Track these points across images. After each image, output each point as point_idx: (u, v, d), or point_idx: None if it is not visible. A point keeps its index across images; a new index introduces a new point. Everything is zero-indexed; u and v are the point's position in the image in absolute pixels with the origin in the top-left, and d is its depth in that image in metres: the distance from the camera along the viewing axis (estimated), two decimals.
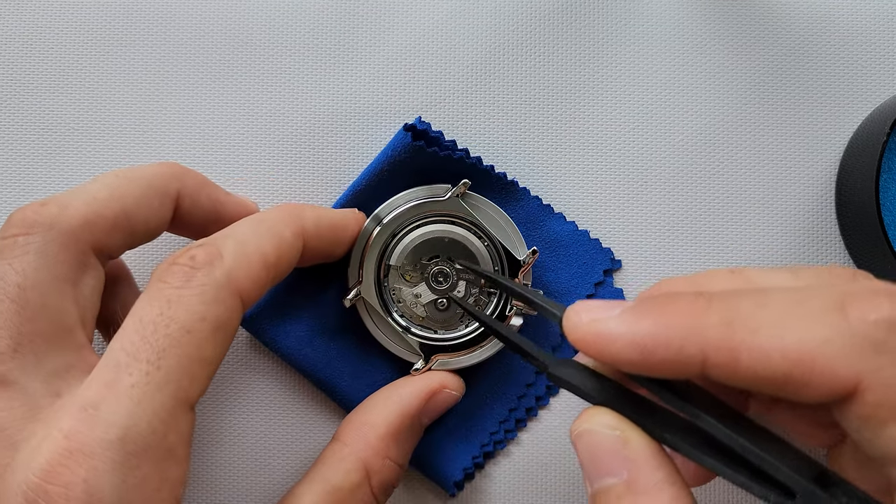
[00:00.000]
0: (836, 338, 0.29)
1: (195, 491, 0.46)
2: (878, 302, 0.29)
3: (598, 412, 0.33)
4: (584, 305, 0.33)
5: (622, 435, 0.32)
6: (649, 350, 0.31)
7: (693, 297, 0.31)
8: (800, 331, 0.29)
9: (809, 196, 0.47)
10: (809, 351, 0.29)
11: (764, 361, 0.29)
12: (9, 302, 0.35)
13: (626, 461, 0.32)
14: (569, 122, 0.48)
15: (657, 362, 0.31)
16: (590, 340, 0.32)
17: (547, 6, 0.48)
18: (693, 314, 0.31)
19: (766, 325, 0.29)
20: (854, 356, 0.28)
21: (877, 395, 0.28)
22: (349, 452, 0.41)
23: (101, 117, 0.47)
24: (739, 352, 0.29)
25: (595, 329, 0.32)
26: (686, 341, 0.30)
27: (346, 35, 0.48)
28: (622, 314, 0.32)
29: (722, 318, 0.30)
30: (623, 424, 0.32)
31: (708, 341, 0.30)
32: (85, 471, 0.31)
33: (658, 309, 0.31)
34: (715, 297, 0.31)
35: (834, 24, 0.47)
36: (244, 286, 0.35)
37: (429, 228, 0.45)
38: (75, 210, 0.37)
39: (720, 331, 0.30)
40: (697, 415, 0.32)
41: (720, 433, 0.31)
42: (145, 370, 0.32)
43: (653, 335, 0.31)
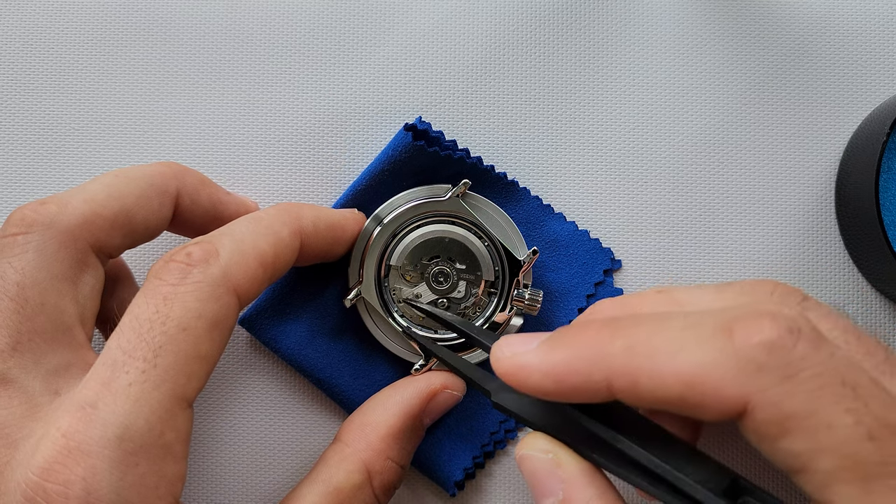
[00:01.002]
0: (723, 360, 0.30)
1: (195, 491, 0.46)
2: (760, 324, 0.31)
3: (535, 438, 0.36)
4: (506, 340, 0.35)
5: (555, 458, 0.35)
6: (561, 379, 0.33)
7: (601, 324, 0.34)
8: (690, 354, 0.31)
9: (809, 196, 0.47)
10: (698, 373, 0.30)
11: (660, 385, 0.31)
12: (8, 300, 0.35)
13: (560, 481, 0.34)
14: (569, 122, 0.48)
15: (569, 389, 0.33)
16: (511, 374, 0.34)
17: (547, 6, 0.48)
18: (599, 342, 0.33)
19: (661, 349, 0.31)
20: (740, 377, 0.30)
21: (765, 413, 0.30)
22: (351, 453, 0.41)
23: (101, 117, 0.48)
24: (638, 376, 0.31)
25: (514, 362, 0.34)
26: (593, 368, 0.32)
27: (346, 35, 0.48)
28: (538, 347, 0.34)
29: (624, 344, 0.32)
30: (556, 448, 0.35)
31: (612, 368, 0.32)
32: (83, 469, 0.31)
33: (569, 339, 0.34)
34: (620, 325, 0.33)
35: (834, 25, 0.47)
36: (241, 284, 0.35)
37: (429, 228, 0.45)
38: (74, 209, 0.37)
39: (622, 357, 0.32)
40: (616, 437, 0.34)
41: (636, 453, 0.34)
42: (142, 368, 0.32)
43: (564, 364, 0.33)
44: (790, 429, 0.30)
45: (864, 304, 0.47)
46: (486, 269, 0.45)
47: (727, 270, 0.47)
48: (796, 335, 0.30)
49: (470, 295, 0.45)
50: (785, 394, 0.30)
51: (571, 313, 0.46)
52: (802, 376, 0.30)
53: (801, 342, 0.30)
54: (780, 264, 0.47)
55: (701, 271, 0.47)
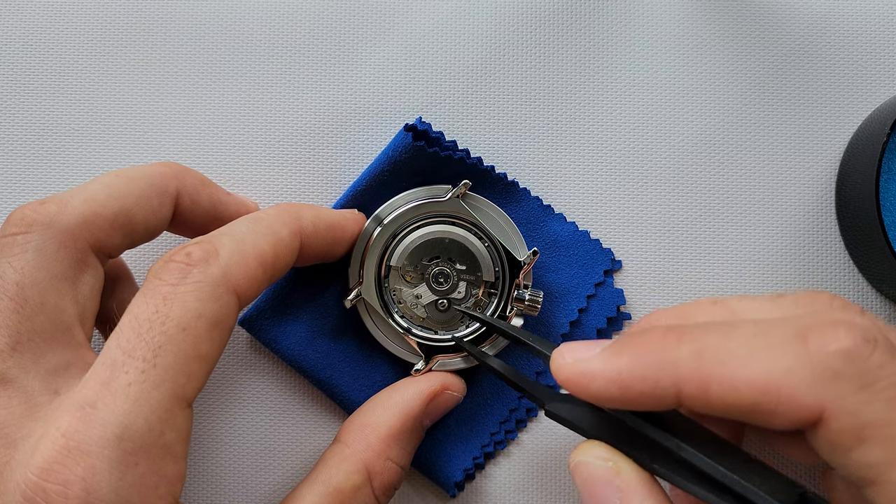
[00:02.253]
0: (798, 368, 0.30)
1: (195, 491, 0.46)
2: (836, 332, 0.30)
3: (592, 445, 0.35)
4: (568, 347, 0.35)
5: (614, 466, 0.34)
6: (627, 385, 0.33)
7: (665, 331, 0.33)
8: (764, 361, 0.31)
9: (809, 196, 0.47)
10: (774, 380, 0.30)
11: (732, 391, 0.31)
12: (7, 300, 0.35)
13: (617, 490, 0.34)
14: (569, 122, 0.48)
15: (635, 396, 0.33)
16: (574, 381, 0.34)
17: (547, 7, 0.48)
18: (665, 348, 0.32)
19: (733, 356, 0.31)
20: (816, 385, 0.30)
21: (840, 423, 0.30)
22: (351, 454, 0.41)
23: (101, 118, 0.48)
24: (709, 383, 0.31)
25: (578, 369, 0.34)
26: (660, 375, 0.32)
27: (346, 36, 0.48)
28: (602, 353, 0.34)
29: (692, 350, 0.32)
30: (615, 456, 0.35)
31: (680, 374, 0.32)
32: (83, 469, 0.31)
33: (634, 345, 0.33)
34: (686, 331, 0.33)
35: (834, 26, 0.47)
36: (240, 284, 0.35)
37: (429, 229, 0.45)
38: (74, 209, 0.37)
39: (691, 363, 0.32)
40: (680, 446, 0.34)
41: (702, 462, 0.33)
42: (141, 368, 0.32)
43: (629, 371, 0.33)
44: (866, 438, 0.29)
45: (864, 304, 0.46)
46: (486, 270, 0.45)
47: (727, 271, 0.47)
48: (873, 344, 0.30)
49: (470, 296, 0.45)
50: (862, 402, 0.29)
51: (571, 314, 0.46)
52: (880, 385, 0.30)
53: (878, 351, 0.30)
54: (781, 265, 0.47)
55: (701, 272, 0.47)
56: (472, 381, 0.46)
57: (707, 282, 0.47)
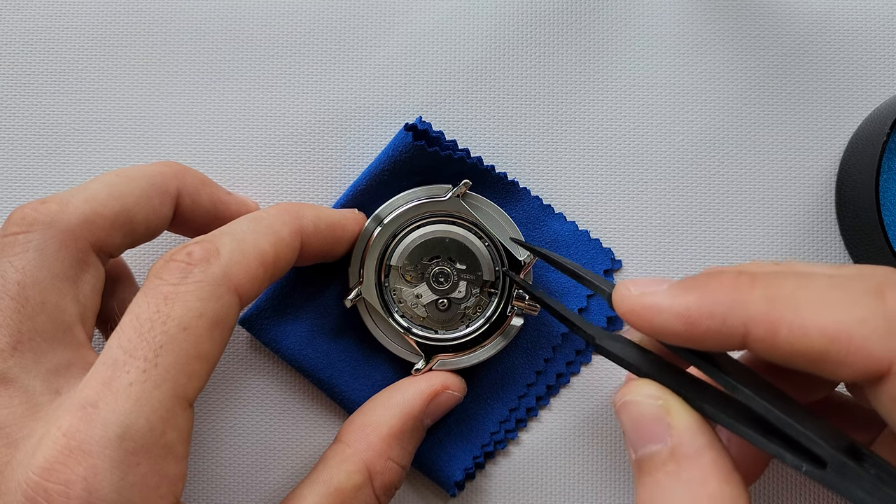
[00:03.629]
0: (873, 320, 0.30)
1: (196, 491, 0.46)
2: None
3: (642, 383, 0.34)
4: (633, 281, 0.35)
5: (664, 404, 0.33)
6: (693, 321, 0.32)
7: (737, 273, 0.33)
8: (838, 311, 0.30)
9: (809, 196, 0.47)
10: (847, 329, 0.30)
11: (802, 337, 0.30)
12: (8, 299, 0.35)
13: (668, 428, 0.33)
14: (569, 122, 0.48)
15: (701, 333, 0.32)
16: (638, 312, 0.33)
17: (547, 6, 0.48)
18: (737, 289, 0.32)
19: (807, 303, 0.31)
20: (889, 339, 0.30)
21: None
22: (352, 453, 0.41)
23: (101, 117, 0.48)
24: (779, 326, 0.31)
25: (643, 302, 0.33)
26: (729, 314, 0.31)
27: (346, 35, 0.48)
28: (669, 288, 0.33)
29: (765, 294, 0.31)
30: (665, 395, 0.34)
31: (750, 315, 0.31)
32: (84, 469, 0.31)
33: (703, 284, 0.33)
34: (758, 275, 0.32)
35: (834, 25, 0.47)
36: (241, 283, 0.35)
37: (430, 229, 0.45)
38: (75, 208, 0.37)
39: (762, 305, 0.31)
40: (735, 387, 0.33)
41: (756, 404, 0.32)
42: (143, 368, 0.32)
43: (698, 307, 0.32)
44: None
45: None
46: (486, 270, 0.45)
47: None
48: None
49: (470, 295, 0.45)
50: None
51: None
52: None
53: None
54: None
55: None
56: (473, 381, 0.46)
57: None
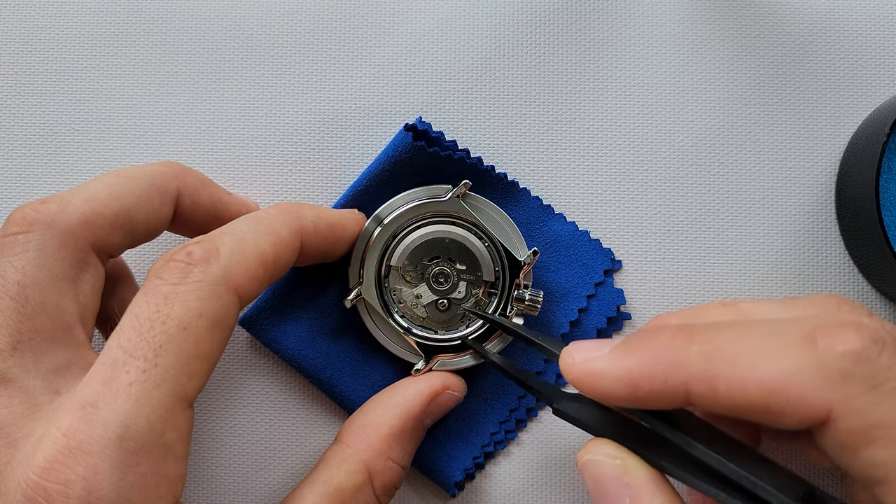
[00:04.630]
0: (807, 368, 0.30)
1: (196, 491, 0.46)
2: (845, 334, 0.31)
3: (601, 443, 0.35)
4: (577, 346, 0.35)
5: (622, 464, 0.34)
6: (636, 384, 0.33)
7: (675, 330, 0.33)
8: (774, 362, 0.31)
9: (809, 196, 0.47)
10: (783, 381, 0.30)
11: (741, 391, 0.31)
12: (8, 299, 0.35)
13: (627, 487, 0.34)
14: (569, 122, 0.48)
15: (644, 395, 0.33)
16: (583, 379, 0.34)
17: (547, 7, 0.48)
18: (675, 348, 0.33)
19: (743, 356, 0.31)
20: (824, 386, 0.30)
21: (848, 423, 0.30)
22: (352, 454, 0.41)
23: (101, 117, 0.48)
24: (718, 382, 0.31)
25: (587, 368, 0.34)
26: (669, 374, 0.32)
27: (346, 36, 0.48)
28: (611, 352, 0.34)
29: (701, 350, 0.32)
30: (623, 454, 0.35)
31: (689, 373, 0.32)
32: (84, 469, 0.31)
33: (643, 345, 0.34)
34: (695, 330, 0.33)
35: (834, 26, 0.47)
36: (241, 283, 0.35)
37: (429, 229, 0.45)
38: (75, 208, 0.37)
39: (700, 363, 0.32)
40: (689, 442, 0.34)
41: (711, 459, 0.33)
42: (142, 368, 0.32)
43: (639, 370, 0.33)
44: (874, 439, 0.30)
45: (864, 304, 0.47)
46: (486, 270, 0.45)
47: (727, 271, 0.47)
48: (881, 345, 0.30)
49: (470, 295, 0.45)
50: (871, 403, 0.30)
51: (571, 314, 0.46)
52: (888, 386, 0.30)
53: (886, 352, 0.30)
54: (780, 264, 0.47)
55: (701, 272, 0.47)
56: (473, 381, 0.46)
57: (707, 282, 0.47)
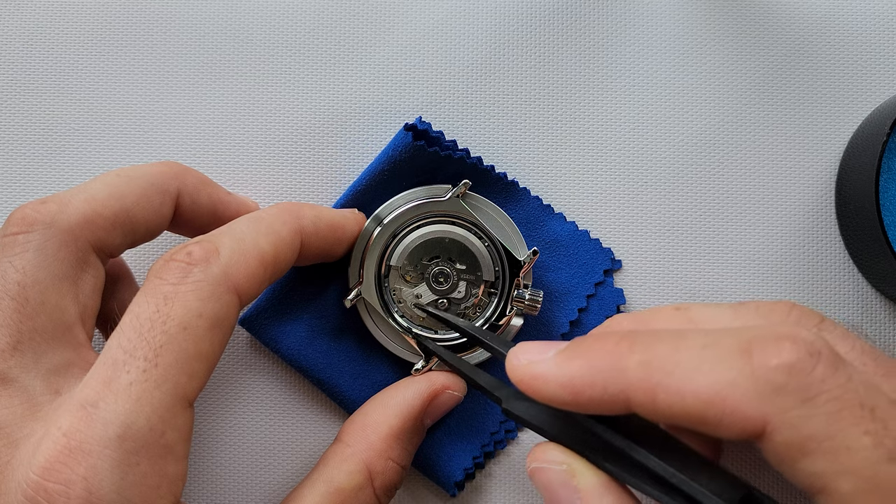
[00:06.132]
0: (742, 381, 0.31)
1: (196, 491, 0.46)
2: (780, 346, 0.31)
3: (547, 448, 0.36)
4: (522, 348, 0.36)
5: (569, 469, 0.35)
6: (577, 391, 0.33)
7: (619, 338, 0.34)
8: (710, 373, 0.31)
9: (809, 196, 0.47)
10: (718, 392, 0.31)
11: (679, 401, 0.31)
12: (9, 300, 0.35)
13: (575, 491, 0.34)
14: (569, 122, 0.48)
15: (585, 401, 0.33)
16: (527, 381, 0.35)
17: (547, 7, 0.48)
18: (616, 356, 0.33)
19: (681, 366, 0.32)
20: (758, 399, 0.30)
21: (783, 436, 0.30)
22: (352, 453, 0.41)
23: (101, 117, 0.48)
24: (656, 392, 0.32)
25: (530, 371, 0.34)
26: (609, 381, 0.33)
27: (346, 35, 0.48)
28: (555, 356, 0.34)
29: (641, 359, 0.32)
30: (570, 458, 0.35)
31: (628, 382, 0.32)
32: (84, 469, 0.31)
33: (586, 351, 0.34)
34: (637, 339, 0.33)
35: (834, 25, 0.47)
36: (241, 283, 0.35)
37: (429, 229, 0.45)
38: (75, 208, 0.37)
39: (639, 372, 0.32)
40: (631, 446, 0.34)
41: (651, 463, 0.33)
42: (143, 367, 0.32)
43: (580, 376, 0.33)
44: (810, 451, 0.30)
45: (864, 304, 0.47)
46: (486, 270, 0.45)
47: (727, 271, 0.47)
48: (816, 358, 0.30)
49: (470, 295, 0.45)
50: (804, 416, 0.30)
51: (571, 313, 0.46)
52: (821, 399, 0.30)
53: (821, 365, 0.30)
54: (780, 264, 0.47)
55: (701, 271, 0.47)
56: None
57: (707, 281, 0.47)
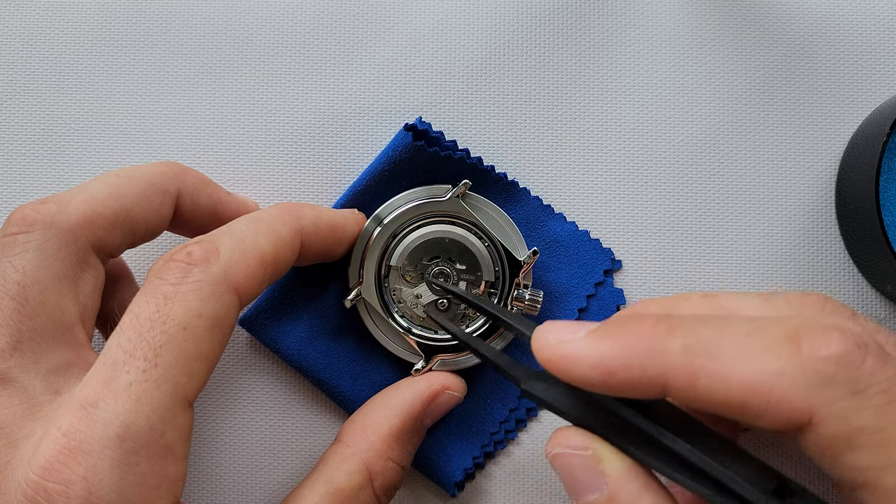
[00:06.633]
0: (790, 371, 0.30)
1: (196, 491, 0.46)
2: (829, 337, 0.30)
3: (570, 433, 0.34)
4: (550, 326, 0.34)
5: (594, 454, 0.33)
6: (611, 372, 0.32)
7: (656, 320, 0.32)
8: (757, 361, 0.30)
9: (809, 196, 0.47)
10: (765, 381, 0.30)
11: (722, 388, 0.30)
12: (8, 299, 0.35)
13: (601, 476, 0.33)
14: (569, 122, 0.48)
15: (618, 384, 0.32)
16: (555, 361, 0.33)
17: (547, 7, 0.48)
18: (655, 338, 0.32)
19: (726, 352, 0.31)
20: (806, 390, 0.30)
21: (830, 428, 0.30)
22: (352, 454, 0.41)
23: (101, 117, 0.48)
24: (698, 377, 0.31)
25: (560, 351, 0.33)
26: (647, 364, 0.31)
27: (346, 35, 0.48)
28: (587, 336, 0.33)
29: (683, 343, 0.31)
30: (594, 443, 0.34)
31: (668, 365, 0.31)
32: (84, 469, 0.31)
33: (621, 331, 0.32)
34: (677, 322, 0.32)
35: (834, 25, 0.47)
36: (241, 283, 0.35)
37: (429, 229, 0.45)
38: (75, 208, 0.37)
39: (680, 356, 0.31)
40: (661, 431, 0.33)
41: (682, 448, 0.33)
42: (142, 367, 0.32)
43: (615, 357, 0.32)
44: (856, 444, 0.29)
45: (864, 304, 0.47)
46: (486, 270, 0.45)
47: (727, 270, 0.47)
48: (864, 350, 0.30)
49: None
50: (853, 409, 0.29)
51: (571, 314, 0.46)
52: (871, 392, 0.30)
53: (869, 357, 0.30)
54: (780, 264, 0.47)
55: (701, 271, 0.47)
56: (473, 381, 0.46)
57: (707, 281, 0.47)
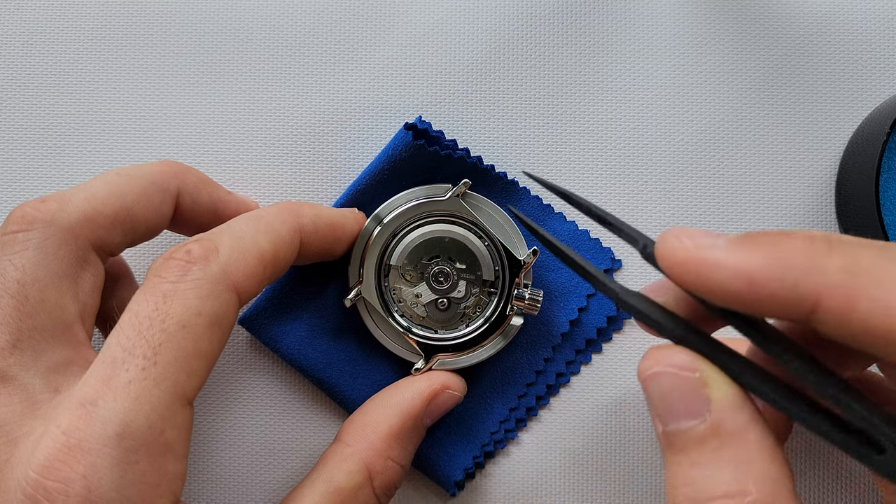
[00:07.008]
0: None
1: (196, 491, 0.46)
2: None
3: (675, 351, 0.31)
4: (683, 231, 0.30)
5: (702, 376, 0.30)
6: (759, 283, 0.28)
7: (811, 237, 0.29)
8: None
9: (809, 196, 0.47)
10: None
11: (882, 315, 0.27)
12: (8, 298, 0.35)
13: (707, 402, 0.30)
14: (569, 121, 0.48)
15: (764, 297, 0.29)
16: (691, 266, 0.29)
17: (547, 5, 0.48)
18: (812, 254, 0.28)
19: (890, 277, 0.28)
20: None
21: None
22: (351, 453, 0.41)
23: (101, 116, 0.48)
24: (858, 300, 0.28)
25: (699, 255, 0.29)
26: (802, 279, 0.28)
27: (346, 34, 0.48)
28: (730, 243, 0.29)
29: (844, 262, 0.28)
30: (702, 364, 0.30)
31: (826, 283, 0.28)
32: (83, 467, 0.31)
33: (771, 244, 0.29)
34: (836, 241, 0.29)
35: (834, 24, 0.47)
36: (240, 281, 0.35)
37: (429, 228, 0.45)
38: (75, 207, 0.37)
39: (840, 275, 0.28)
40: (785, 358, 0.30)
41: (811, 380, 0.29)
42: (142, 366, 0.32)
43: (764, 269, 0.28)
44: None
45: None
46: (486, 269, 0.45)
47: None
48: None
49: (470, 295, 0.45)
50: None
51: (571, 313, 0.46)
52: None
53: None
54: None
55: None
56: (473, 380, 0.46)
57: None
